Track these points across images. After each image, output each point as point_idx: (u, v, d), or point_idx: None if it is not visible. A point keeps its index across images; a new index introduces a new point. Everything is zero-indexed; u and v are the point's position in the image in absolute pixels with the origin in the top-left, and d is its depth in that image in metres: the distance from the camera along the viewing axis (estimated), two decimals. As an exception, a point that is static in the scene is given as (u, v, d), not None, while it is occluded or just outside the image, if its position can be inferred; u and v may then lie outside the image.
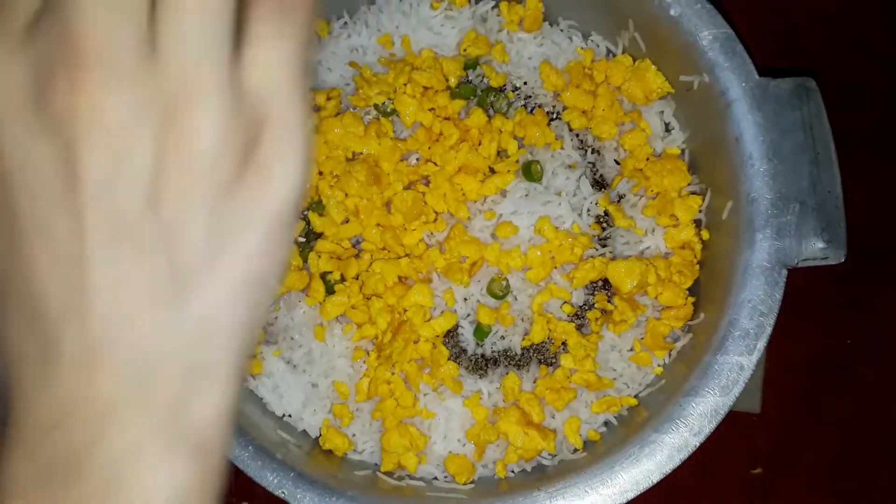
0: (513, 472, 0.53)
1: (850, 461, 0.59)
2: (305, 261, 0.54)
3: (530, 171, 0.53)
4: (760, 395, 0.59)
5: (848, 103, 0.62)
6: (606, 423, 0.54)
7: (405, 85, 0.54)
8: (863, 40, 0.64)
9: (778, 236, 0.48)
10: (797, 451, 0.59)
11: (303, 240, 0.55)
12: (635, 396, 0.53)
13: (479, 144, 0.54)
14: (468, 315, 0.54)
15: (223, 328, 0.20)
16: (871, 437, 0.59)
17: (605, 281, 0.54)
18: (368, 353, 0.53)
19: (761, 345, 0.47)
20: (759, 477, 0.59)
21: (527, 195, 0.54)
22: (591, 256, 0.53)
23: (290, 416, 0.55)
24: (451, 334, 0.54)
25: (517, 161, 0.54)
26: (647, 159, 0.55)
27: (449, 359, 0.53)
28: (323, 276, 0.53)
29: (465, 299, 0.54)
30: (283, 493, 0.48)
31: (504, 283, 0.53)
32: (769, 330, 0.47)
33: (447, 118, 0.55)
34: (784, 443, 0.59)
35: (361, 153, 0.54)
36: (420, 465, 0.52)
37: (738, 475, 0.59)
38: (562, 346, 0.54)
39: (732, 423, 0.48)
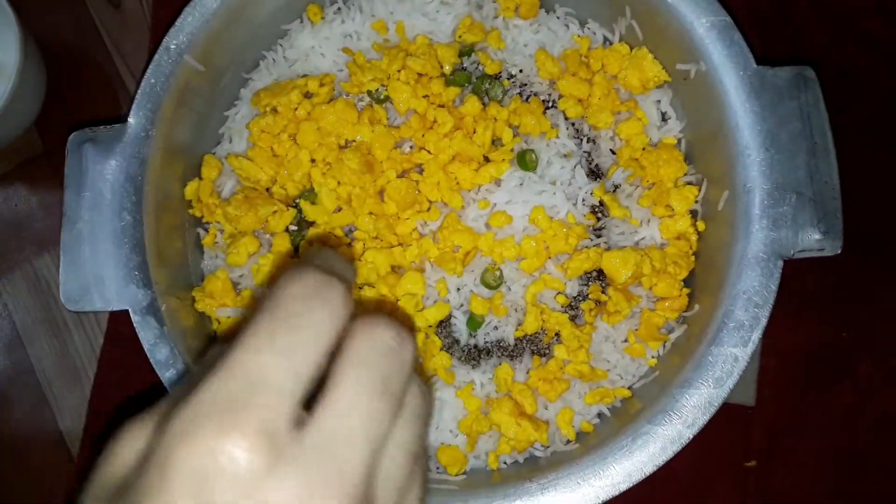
0: (505, 463, 0.53)
1: (844, 453, 0.59)
2: (297, 249, 0.53)
3: (525, 160, 0.53)
4: (755, 388, 0.59)
5: (846, 94, 0.61)
6: (599, 415, 0.53)
7: (399, 71, 0.54)
8: (862, 31, 0.64)
9: (774, 227, 0.47)
10: (792, 444, 0.59)
11: (294, 228, 0.54)
12: (629, 388, 0.53)
13: (474, 133, 0.53)
14: (461, 305, 0.53)
15: None
16: (866, 429, 0.59)
17: (600, 271, 0.53)
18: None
19: (756, 336, 0.47)
20: (754, 469, 0.59)
21: (521, 184, 0.53)
22: (586, 247, 0.53)
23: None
24: (444, 324, 0.53)
25: (512, 150, 0.53)
26: (644, 149, 0.55)
27: (441, 349, 0.53)
28: (315, 264, 0.53)
29: (459, 289, 0.53)
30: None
31: (497, 273, 0.53)
32: (764, 321, 0.47)
33: (441, 105, 0.54)
34: (778, 435, 0.59)
35: (354, 140, 0.54)
36: (412, 456, 0.52)
37: (733, 467, 0.58)
38: (555, 337, 0.53)
39: (726, 416, 0.47)
